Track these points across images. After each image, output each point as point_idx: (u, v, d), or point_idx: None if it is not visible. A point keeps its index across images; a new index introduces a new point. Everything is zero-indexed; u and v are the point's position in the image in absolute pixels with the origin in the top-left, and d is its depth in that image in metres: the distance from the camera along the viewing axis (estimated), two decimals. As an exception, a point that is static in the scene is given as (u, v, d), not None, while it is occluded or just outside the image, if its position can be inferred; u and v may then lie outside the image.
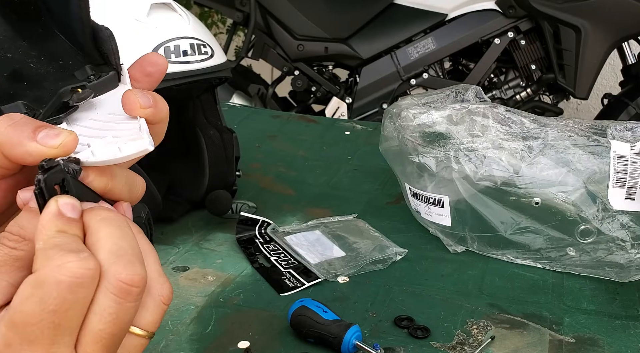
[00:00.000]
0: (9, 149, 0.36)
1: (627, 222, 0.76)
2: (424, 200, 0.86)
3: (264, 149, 1.18)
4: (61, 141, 0.36)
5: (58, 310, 0.33)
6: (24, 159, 0.36)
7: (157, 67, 0.45)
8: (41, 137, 0.36)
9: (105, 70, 0.45)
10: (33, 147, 0.36)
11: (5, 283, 0.35)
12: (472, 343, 0.68)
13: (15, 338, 0.33)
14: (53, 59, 0.45)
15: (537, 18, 2.11)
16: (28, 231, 0.35)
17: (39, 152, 0.36)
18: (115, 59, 0.45)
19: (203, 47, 0.87)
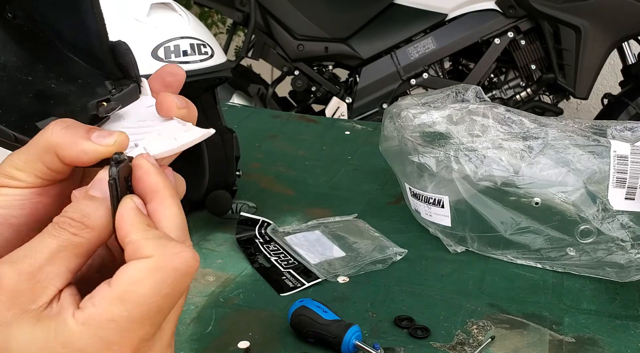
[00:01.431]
0: (65, 150, 0.38)
1: (627, 222, 0.76)
2: (424, 200, 0.86)
3: (264, 149, 1.18)
4: (115, 140, 0.38)
5: (169, 294, 0.35)
6: (79, 158, 0.38)
7: (176, 78, 0.46)
8: (95, 137, 0.38)
9: (125, 84, 0.46)
10: (88, 146, 0.38)
11: (64, 269, 0.36)
12: (472, 343, 0.68)
13: (122, 316, 0.34)
14: (72, 79, 0.46)
15: (537, 18, 2.11)
16: (91, 219, 0.36)
17: (95, 150, 0.38)
18: (135, 71, 0.46)
19: (203, 47, 0.87)
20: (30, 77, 0.45)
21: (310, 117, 1.42)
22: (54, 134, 0.38)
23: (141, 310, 0.34)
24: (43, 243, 0.36)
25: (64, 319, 0.35)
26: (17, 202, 0.39)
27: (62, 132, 0.38)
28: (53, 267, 0.35)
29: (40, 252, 0.35)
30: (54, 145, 0.38)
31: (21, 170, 0.39)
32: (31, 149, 0.39)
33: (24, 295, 0.34)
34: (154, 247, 0.35)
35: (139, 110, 0.46)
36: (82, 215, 0.36)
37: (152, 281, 0.34)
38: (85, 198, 0.37)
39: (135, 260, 0.35)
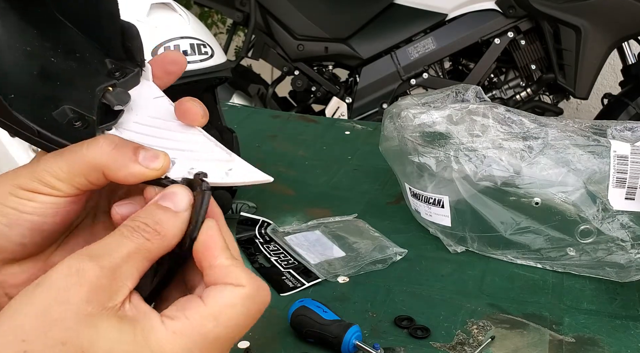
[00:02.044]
0: (113, 171, 0.39)
1: (627, 222, 0.76)
2: (424, 200, 0.86)
3: (264, 148, 1.18)
4: (161, 164, 0.40)
5: (250, 323, 0.38)
6: (125, 180, 0.40)
7: (178, 66, 0.47)
8: (142, 160, 0.40)
9: (126, 65, 0.46)
10: (137, 169, 0.39)
11: (135, 271, 0.37)
12: (472, 343, 0.68)
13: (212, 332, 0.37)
14: (69, 51, 0.45)
15: (537, 18, 2.11)
16: (165, 228, 0.38)
17: (142, 174, 0.39)
18: (141, 56, 0.46)
19: (203, 47, 0.87)
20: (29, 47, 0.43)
21: (310, 117, 1.42)
22: (103, 154, 0.39)
23: (228, 331, 0.37)
24: (120, 243, 0.37)
25: (151, 324, 0.36)
26: (51, 210, 0.40)
27: (112, 152, 0.39)
28: (128, 267, 0.37)
29: (118, 252, 0.37)
30: (103, 166, 0.39)
31: (61, 180, 0.40)
32: (76, 163, 0.39)
33: (104, 291, 0.35)
34: (247, 278, 0.38)
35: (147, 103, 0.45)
36: (156, 223, 0.38)
37: (244, 308, 0.38)
38: (159, 208, 0.39)
39: (231, 285, 0.38)
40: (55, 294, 0.35)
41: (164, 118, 0.45)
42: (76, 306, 0.34)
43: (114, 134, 0.42)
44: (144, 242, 0.37)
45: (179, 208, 0.39)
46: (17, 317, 0.34)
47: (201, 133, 0.44)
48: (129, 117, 0.44)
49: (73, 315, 0.34)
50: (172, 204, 0.39)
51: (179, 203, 0.39)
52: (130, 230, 0.37)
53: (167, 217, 0.38)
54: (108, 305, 0.35)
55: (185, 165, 0.42)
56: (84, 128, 0.42)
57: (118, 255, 0.36)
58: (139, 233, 0.37)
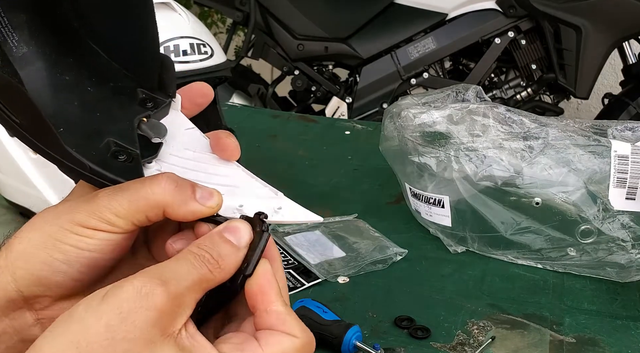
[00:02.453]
0: (174, 209, 0.41)
1: (627, 222, 0.76)
2: (424, 200, 0.86)
3: (264, 148, 1.18)
4: (217, 202, 0.41)
5: None
6: (184, 218, 0.41)
7: (206, 98, 0.49)
8: (200, 198, 0.41)
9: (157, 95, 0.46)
10: (196, 208, 0.41)
11: (193, 300, 0.38)
12: (473, 343, 0.68)
13: None
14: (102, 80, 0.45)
15: (537, 18, 2.11)
16: (226, 262, 0.39)
17: (200, 212, 0.41)
18: (173, 88, 0.47)
19: (203, 46, 0.87)
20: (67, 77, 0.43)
21: (310, 117, 1.42)
22: (167, 193, 0.40)
23: None
24: (188, 271, 0.38)
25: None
26: (109, 247, 0.41)
27: (174, 192, 0.40)
28: (190, 295, 0.37)
29: (184, 279, 0.37)
30: (165, 204, 0.40)
31: (121, 217, 0.40)
32: (138, 201, 0.40)
33: (168, 317, 0.36)
34: (301, 330, 0.39)
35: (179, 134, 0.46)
36: (219, 256, 0.39)
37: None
38: (223, 241, 0.39)
39: (287, 335, 0.39)
40: (122, 314, 0.35)
41: (200, 151, 0.46)
42: (141, 330, 0.35)
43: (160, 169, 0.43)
44: (207, 273, 0.38)
45: (240, 244, 0.40)
46: (80, 329, 0.35)
47: (239, 168, 0.46)
48: (165, 149, 0.45)
49: (137, 338, 0.35)
50: (234, 239, 0.40)
51: (241, 239, 0.40)
52: (197, 258, 0.38)
53: (229, 251, 0.39)
54: (169, 330, 0.36)
55: (234, 201, 0.43)
56: (129, 162, 0.42)
57: (183, 282, 0.37)
58: (204, 263, 0.38)
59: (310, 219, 0.45)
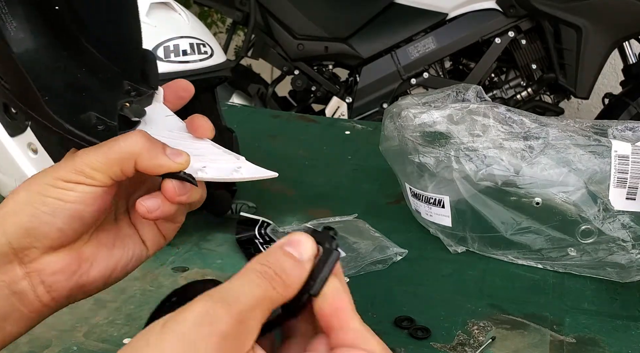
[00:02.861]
0: (144, 161, 0.45)
1: (628, 222, 0.76)
2: (424, 200, 0.86)
3: (264, 148, 1.18)
4: (185, 160, 0.46)
5: None
6: (154, 169, 0.45)
7: (188, 93, 0.53)
8: (169, 154, 0.45)
9: (142, 87, 0.52)
10: (165, 161, 0.45)
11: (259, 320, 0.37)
12: (473, 343, 0.68)
13: None
14: (92, 72, 0.50)
15: (537, 17, 2.11)
16: (290, 278, 0.38)
17: (168, 165, 0.45)
18: (155, 80, 0.53)
19: (202, 46, 0.87)
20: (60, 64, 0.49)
21: (310, 117, 1.42)
22: (138, 144, 0.45)
23: None
24: (249, 289, 0.37)
25: None
26: (89, 199, 0.45)
27: (146, 143, 0.45)
28: (255, 315, 0.36)
29: (248, 299, 0.36)
30: (136, 155, 0.45)
31: (98, 170, 0.45)
32: (111, 154, 0.45)
33: (234, 341, 0.35)
34: (378, 346, 0.39)
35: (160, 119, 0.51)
36: (282, 271, 0.38)
37: None
38: (285, 255, 0.39)
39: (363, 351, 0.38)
40: (185, 343, 0.34)
41: (177, 131, 0.51)
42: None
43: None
44: (271, 291, 0.37)
45: (303, 258, 0.39)
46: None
47: (210, 142, 0.50)
48: (148, 129, 0.49)
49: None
50: (297, 253, 0.39)
51: (304, 252, 0.39)
52: (260, 276, 0.37)
53: (291, 265, 0.38)
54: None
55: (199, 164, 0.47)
56: (106, 131, 0.47)
57: (248, 302, 0.36)
58: (267, 280, 0.37)
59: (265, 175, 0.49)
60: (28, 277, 0.46)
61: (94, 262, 0.48)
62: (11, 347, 0.65)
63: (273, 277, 0.37)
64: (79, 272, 0.48)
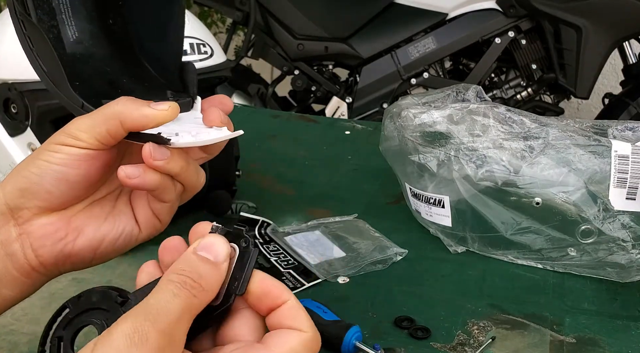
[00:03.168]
0: (128, 115, 0.46)
1: (628, 222, 0.76)
2: (424, 200, 0.86)
3: (264, 148, 1.18)
4: (169, 106, 0.46)
5: None
6: (140, 122, 0.46)
7: (225, 108, 0.54)
8: (153, 105, 0.46)
9: (182, 96, 0.55)
10: (148, 111, 0.46)
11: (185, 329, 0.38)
12: (473, 343, 0.68)
13: None
14: (139, 81, 0.55)
15: (537, 17, 2.11)
16: (208, 283, 0.39)
17: (153, 114, 0.46)
18: (194, 89, 0.56)
19: (202, 46, 0.87)
20: (109, 69, 0.53)
21: (310, 117, 1.42)
22: (119, 103, 0.46)
23: None
24: (170, 302, 0.37)
25: None
26: (74, 162, 0.46)
27: (128, 102, 0.46)
28: (181, 327, 0.37)
29: (172, 312, 0.37)
30: (120, 112, 0.45)
31: (84, 131, 0.46)
32: (97, 116, 0.46)
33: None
34: (309, 324, 0.40)
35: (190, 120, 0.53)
36: (200, 277, 0.38)
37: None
38: (201, 260, 0.39)
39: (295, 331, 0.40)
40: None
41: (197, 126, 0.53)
42: None
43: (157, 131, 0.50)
44: (192, 299, 0.38)
45: (218, 259, 0.40)
46: None
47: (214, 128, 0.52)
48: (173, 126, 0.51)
49: None
50: (211, 255, 0.40)
51: (218, 254, 0.40)
52: (178, 286, 0.38)
53: (208, 269, 0.39)
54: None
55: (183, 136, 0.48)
56: None
57: (172, 315, 0.37)
58: (186, 289, 0.38)
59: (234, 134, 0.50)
60: (20, 238, 0.48)
61: (81, 232, 0.49)
62: (11, 347, 0.65)
63: (192, 285, 0.38)
64: (64, 240, 0.49)
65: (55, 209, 0.48)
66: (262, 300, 0.41)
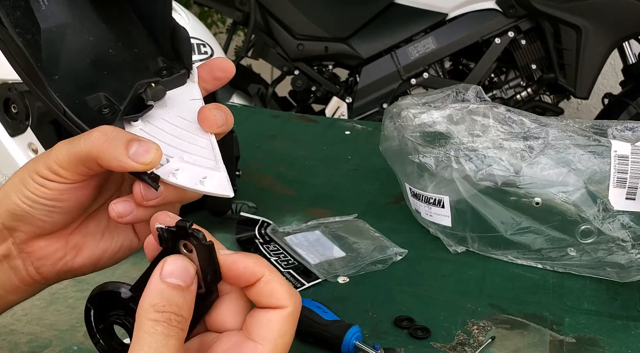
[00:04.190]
0: (105, 162, 0.42)
1: (627, 222, 0.76)
2: (424, 200, 0.86)
3: (264, 148, 1.18)
4: (151, 159, 0.42)
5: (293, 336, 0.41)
6: (118, 169, 0.43)
7: (226, 73, 0.50)
8: (133, 154, 0.42)
9: (175, 66, 0.49)
10: (126, 162, 0.42)
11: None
12: (473, 343, 0.68)
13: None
14: (129, 46, 0.48)
15: (537, 18, 2.11)
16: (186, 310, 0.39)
17: (132, 166, 0.42)
18: (188, 59, 0.49)
19: (203, 46, 0.87)
20: (92, 38, 0.47)
21: (310, 117, 1.42)
22: (95, 146, 0.42)
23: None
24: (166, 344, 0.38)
25: None
26: (61, 195, 0.44)
27: (104, 144, 0.42)
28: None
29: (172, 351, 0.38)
30: (95, 156, 0.42)
31: (65, 168, 0.43)
32: (75, 152, 0.43)
33: None
34: (287, 296, 0.40)
35: (182, 103, 0.48)
36: (179, 308, 0.39)
37: (292, 329, 0.40)
38: (173, 289, 0.39)
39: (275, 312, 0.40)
40: None
41: (190, 120, 0.47)
42: None
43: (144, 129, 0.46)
44: (180, 333, 0.39)
45: (187, 282, 0.40)
46: None
47: (210, 140, 0.47)
48: (161, 113, 0.47)
49: None
50: (180, 280, 0.39)
51: (186, 278, 0.40)
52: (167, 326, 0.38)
53: (181, 296, 0.39)
54: None
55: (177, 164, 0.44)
56: (110, 115, 0.45)
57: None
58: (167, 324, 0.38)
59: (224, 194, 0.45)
60: (20, 256, 0.47)
61: (80, 250, 0.49)
62: (11, 347, 0.65)
63: (177, 320, 0.38)
64: (64, 259, 0.48)
65: (50, 232, 0.47)
66: (239, 283, 0.41)
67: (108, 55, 0.47)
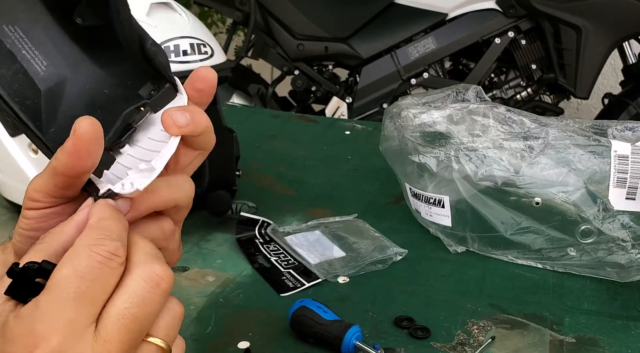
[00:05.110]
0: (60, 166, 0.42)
1: (627, 222, 0.76)
2: (424, 200, 0.86)
3: (264, 148, 1.18)
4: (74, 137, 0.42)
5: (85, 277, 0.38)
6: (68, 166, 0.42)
7: (207, 83, 0.47)
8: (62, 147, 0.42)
9: (161, 83, 0.47)
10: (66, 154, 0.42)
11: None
12: (473, 343, 0.68)
13: (45, 300, 0.38)
14: (122, 82, 0.47)
15: (537, 18, 2.11)
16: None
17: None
18: (167, 72, 0.47)
19: (203, 46, 0.87)
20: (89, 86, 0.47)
21: (310, 117, 1.42)
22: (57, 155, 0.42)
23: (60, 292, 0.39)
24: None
25: None
26: (40, 225, 0.44)
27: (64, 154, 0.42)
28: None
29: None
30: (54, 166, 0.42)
31: (38, 191, 0.43)
32: (45, 172, 0.43)
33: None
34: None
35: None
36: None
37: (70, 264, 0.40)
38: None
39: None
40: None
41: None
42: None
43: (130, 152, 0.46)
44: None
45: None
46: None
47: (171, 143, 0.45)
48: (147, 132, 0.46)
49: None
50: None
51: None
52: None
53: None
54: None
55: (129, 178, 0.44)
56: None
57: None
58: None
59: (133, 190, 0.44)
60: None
61: None
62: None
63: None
64: None
65: None
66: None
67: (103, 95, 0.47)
